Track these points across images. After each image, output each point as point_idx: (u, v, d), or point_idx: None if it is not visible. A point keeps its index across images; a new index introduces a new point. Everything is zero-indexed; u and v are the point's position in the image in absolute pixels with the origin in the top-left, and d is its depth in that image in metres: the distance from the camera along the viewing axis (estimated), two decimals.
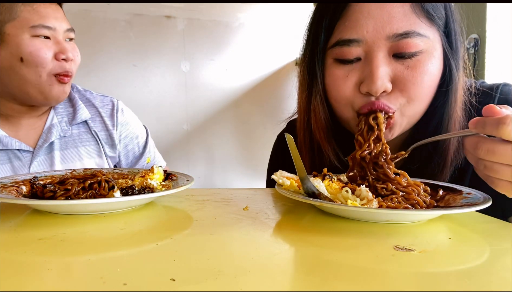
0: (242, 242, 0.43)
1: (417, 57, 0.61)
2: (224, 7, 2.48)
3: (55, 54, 0.94)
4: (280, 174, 0.64)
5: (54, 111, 1.06)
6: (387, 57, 0.61)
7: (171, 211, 0.58)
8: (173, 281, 0.32)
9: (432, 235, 0.47)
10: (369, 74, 0.61)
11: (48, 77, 0.94)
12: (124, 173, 0.77)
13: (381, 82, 0.60)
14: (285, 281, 0.34)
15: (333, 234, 0.47)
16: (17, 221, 0.51)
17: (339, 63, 0.65)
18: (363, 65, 0.63)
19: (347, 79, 0.64)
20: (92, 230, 0.48)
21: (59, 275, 0.34)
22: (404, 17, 0.59)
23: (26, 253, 0.38)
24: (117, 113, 1.13)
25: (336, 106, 0.69)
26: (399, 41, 0.59)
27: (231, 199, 0.65)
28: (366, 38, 0.61)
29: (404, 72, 0.61)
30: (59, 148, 1.03)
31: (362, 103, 0.64)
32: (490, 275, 0.35)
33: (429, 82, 0.62)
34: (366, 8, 0.60)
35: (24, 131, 1.01)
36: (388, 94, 0.62)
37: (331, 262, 0.38)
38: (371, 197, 0.54)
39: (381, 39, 0.60)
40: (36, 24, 0.91)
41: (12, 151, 0.97)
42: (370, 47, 0.61)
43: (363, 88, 0.62)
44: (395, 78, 0.61)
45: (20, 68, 0.92)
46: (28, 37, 0.91)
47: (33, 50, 0.91)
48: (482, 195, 0.54)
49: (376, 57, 0.60)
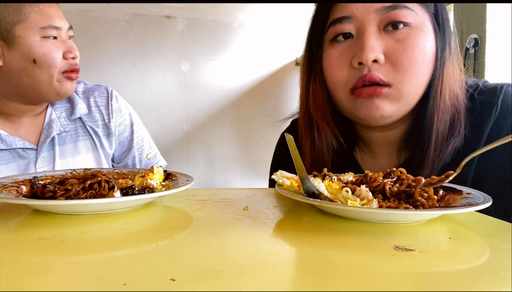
0: (242, 242, 0.43)
1: (406, 30, 0.62)
2: (224, 7, 2.48)
3: (63, 53, 0.97)
4: (280, 174, 0.64)
5: (51, 107, 1.07)
6: (378, 32, 0.63)
7: (171, 211, 0.58)
8: (173, 281, 0.32)
9: (432, 235, 0.47)
10: (360, 46, 0.63)
11: (59, 76, 0.97)
12: (124, 173, 0.77)
13: (371, 50, 0.61)
14: (285, 281, 0.34)
15: (333, 234, 0.47)
16: (17, 221, 0.51)
17: (334, 44, 0.67)
18: (355, 41, 0.65)
19: (341, 58, 0.66)
20: (92, 230, 0.48)
21: (59, 275, 0.34)
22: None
23: (26, 253, 0.38)
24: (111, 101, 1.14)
25: (332, 89, 0.70)
26: (388, 13, 0.62)
27: (231, 199, 0.65)
28: (356, 14, 0.63)
29: (395, 44, 0.62)
30: (58, 143, 1.04)
31: (355, 79, 0.64)
32: (490, 275, 0.35)
33: (421, 55, 0.62)
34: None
35: (25, 129, 1.03)
36: (380, 66, 0.63)
37: (331, 262, 0.38)
38: (371, 197, 0.54)
39: (370, 13, 0.62)
40: (45, 25, 0.93)
41: (15, 150, 0.98)
42: (360, 22, 0.63)
43: (355, 61, 0.63)
44: (386, 51, 0.63)
45: (33, 70, 0.93)
46: (39, 39, 0.93)
47: (46, 51, 0.93)
48: (482, 195, 0.54)
49: (367, 30, 0.63)
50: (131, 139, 1.17)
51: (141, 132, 1.20)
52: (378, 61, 0.62)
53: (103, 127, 1.12)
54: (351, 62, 0.64)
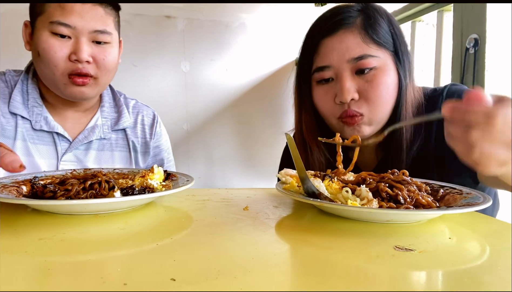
0: (242, 242, 0.43)
1: (373, 72, 0.80)
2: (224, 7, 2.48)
3: (69, 54, 0.92)
4: (285, 172, 0.66)
5: (101, 112, 1.09)
6: (351, 75, 0.81)
7: (171, 211, 0.58)
8: (173, 281, 0.32)
9: (432, 235, 0.47)
10: (340, 88, 0.80)
11: (62, 77, 0.93)
12: (124, 173, 0.77)
13: (347, 92, 0.79)
14: (285, 281, 0.34)
15: (333, 234, 0.47)
16: (17, 221, 0.51)
17: (320, 85, 0.85)
18: (335, 84, 0.82)
19: (327, 95, 0.84)
20: (92, 230, 0.48)
21: (59, 275, 0.34)
22: (358, 46, 0.79)
23: (26, 253, 0.38)
24: (156, 124, 1.19)
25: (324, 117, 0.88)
26: (357, 62, 0.80)
27: (231, 199, 0.65)
28: (333, 64, 0.81)
29: (365, 84, 0.80)
30: (96, 148, 1.06)
31: (339, 112, 0.83)
32: (490, 275, 0.35)
33: (386, 89, 0.80)
34: (330, 44, 0.81)
35: (70, 124, 1.04)
36: (356, 102, 0.81)
37: (331, 262, 0.38)
38: (371, 197, 0.54)
39: (344, 63, 0.80)
40: (54, 20, 0.90)
41: (53, 134, 1.00)
42: (337, 70, 0.81)
43: (337, 100, 0.82)
44: (359, 89, 0.81)
45: (39, 62, 0.94)
46: (47, 33, 0.91)
47: (46, 47, 0.91)
48: (482, 195, 0.54)
49: (343, 76, 0.80)
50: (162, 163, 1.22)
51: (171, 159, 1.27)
52: (354, 99, 0.80)
53: (143, 145, 1.15)
54: (334, 99, 0.83)
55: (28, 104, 1.00)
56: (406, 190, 0.56)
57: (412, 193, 0.56)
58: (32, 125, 0.99)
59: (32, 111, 0.99)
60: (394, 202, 0.55)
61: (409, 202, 0.55)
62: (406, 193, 0.56)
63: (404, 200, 0.55)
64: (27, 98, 1.00)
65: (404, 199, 0.55)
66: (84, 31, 0.93)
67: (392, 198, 0.55)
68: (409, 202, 0.55)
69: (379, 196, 0.56)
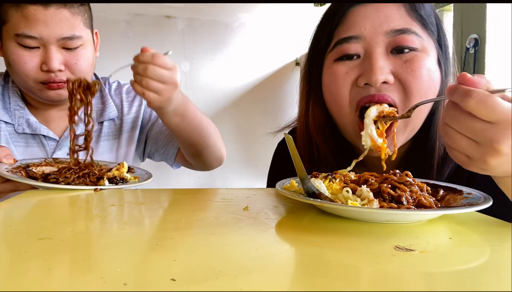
0: (242, 242, 0.43)
1: (414, 52, 0.62)
2: (224, 7, 2.48)
3: (40, 64, 0.88)
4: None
5: None
6: (385, 54, 0.63)
7: (171, 211, 0.58)
8: (173, 281, 0.32)
9: (433, 235, 0.47)
10: (368, 67, 0.62)
11: (35, 84, 0.91)
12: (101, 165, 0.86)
13: (380, 72, 0.61)
14: (285, 281, 0.34)
15: (333, 234, 0.47)
16: (17, 221, 0.51)
17: (339, 62, 0.66)
18: (362, 62, 0.64)
19: (346, 76, 0.65)
20: (92, 230, 0.48)
21: (59, 275, 0.34)
22: (400, 17, 0.63)
23: (26, 253, 0.38)
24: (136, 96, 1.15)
25: (334, 110, 0.69)
26: (396, 36, 0.62)
27: (231, 199, 0.65)
28: (364, 35, 0.63)
29: (402, 65, 0.62)
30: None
31: (361, 96, 0.64)
32: (490, 275, 0.35)
33: (427, 77, 0.63)
34: (363, 11, 0.63)
35: (55, 123, 1.03)
36: (391, 86, 0.63)
37: (331, 262, 0.38)
38: (371, 197, 0.54)
39: (379, 35, 0.62)
40: (19, 32, 0.86)
41: (39, 136, 1.00)
42: (368, 43, 0.63)
43: (361, 81, 0.63)
44: (394, 71, 0.63)
45: (11, 71, 0.93)
46: (14, 44, 0.88)
47: (15, 58, 0.88)
48: (482, 195, 0.54)
49: (375, 52, 0.62)
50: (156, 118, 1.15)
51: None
52: (387, 82, 0.62)
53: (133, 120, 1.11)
54: (356, 81, 0.64)
55: (10, 108, 0.98)
56: (409, 191, 0.55)
57: (414, 194, 0.56)
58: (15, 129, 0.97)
59: (14, 114, 0.98)
60: (396, 203, 0.55)
61: (411, 203, 0.54)
62: (409, 194, 0.55)
63: (407, 201, 0.54)
64: (8, 101, 0.99)
65: (407, 201, 0.54)
66: (52, 39, 0.88)
67: (394, 198, 0.55)
68: (411, 203, 0.54)
69: (381, 197, 0.55)
